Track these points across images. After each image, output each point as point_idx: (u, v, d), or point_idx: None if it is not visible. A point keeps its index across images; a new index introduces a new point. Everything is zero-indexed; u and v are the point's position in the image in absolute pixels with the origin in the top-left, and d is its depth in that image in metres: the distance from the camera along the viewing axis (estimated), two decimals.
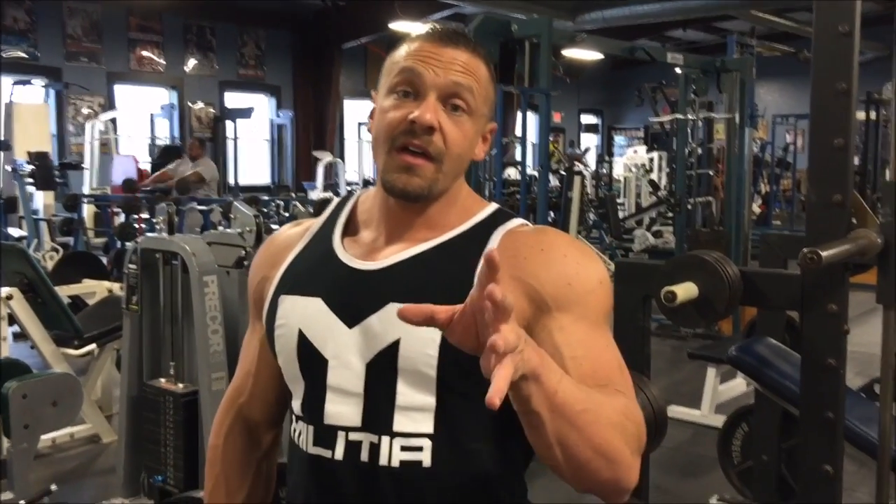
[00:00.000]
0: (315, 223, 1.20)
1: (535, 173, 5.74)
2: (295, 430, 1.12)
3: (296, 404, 1.12)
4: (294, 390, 1.13)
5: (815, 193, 1.91)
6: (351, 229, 1.16)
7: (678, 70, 6.68)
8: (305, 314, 1.09)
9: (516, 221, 1.12)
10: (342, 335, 1.06)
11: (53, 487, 2.66)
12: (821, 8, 1.89)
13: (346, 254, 1.12)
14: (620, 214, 10.26)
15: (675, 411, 4.52)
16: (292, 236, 1.20)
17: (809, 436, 1.91)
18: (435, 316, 0.84)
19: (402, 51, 1.09)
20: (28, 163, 7.85)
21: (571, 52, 6.13)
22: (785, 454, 2.87)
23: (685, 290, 1.88)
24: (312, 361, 1.08)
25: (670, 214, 7.88)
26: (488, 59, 1.11)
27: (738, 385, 4.75)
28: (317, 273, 1.12)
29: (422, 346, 1.02)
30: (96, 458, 3.99)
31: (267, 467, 1.29)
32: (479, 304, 0.81)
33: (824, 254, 1.65)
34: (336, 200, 1.22)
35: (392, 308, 1.03)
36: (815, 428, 1.88)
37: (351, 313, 1.07)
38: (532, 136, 7.13)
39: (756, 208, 11.35)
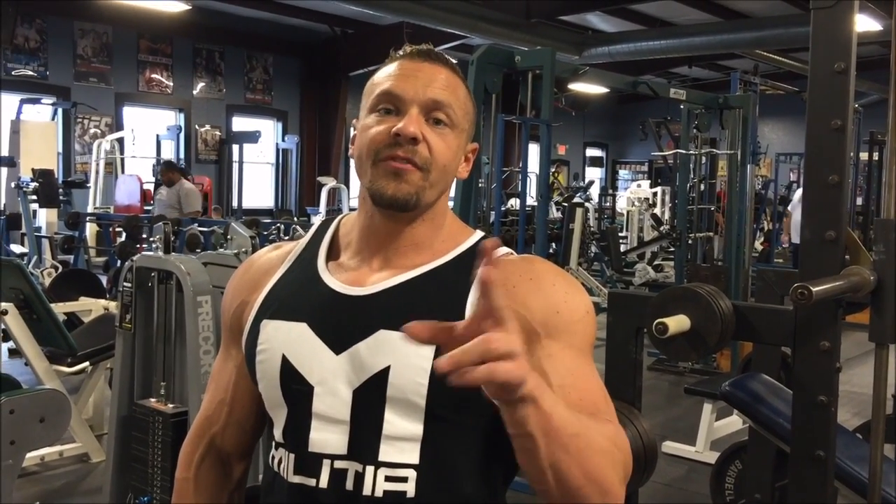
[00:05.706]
0: (296, 246, 1.17)
1: (535, 203, 5.74)
2: (274, 458, 1.09)
3: (277, 432, 1.09)
4: (275, 417, 1.10)
5: (808, 230, 1.90)
6: (334, 253, 1.14)
7: (682, 106, 6.72)
8: (289, 339, 1.06)
9: (502, 250, 1.11)
10: (329, 361, 1.04)
11: None
12: (817, 45, 1.90)
13: (332, 278, 1.10)
14: (622, 248, 10.26)
15: (670, 447, 4.48)
16: (272, 259, 1.17)
17: (799, 473, 1.88)
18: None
19: (382, 72, 1.10)
20: (32, 180, 7.88)
21: (577, 86, 6.15)
22: (778, 493, 2.83)
23: (677, 323, 1.87)
24: (297, 388, 1.05)
25: (672, 249, 7.87)
26: (465, 79, 1.12)
27: (735, 422, 4.71)
28: (301, 297, 1.09)
29: (412, 375, 1.00)
30: (84, 477, 3.96)
31: (238, 500, 1.25)
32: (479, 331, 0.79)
33: (815, 289, 1.64)
34: (317, 223, 1.20)
35: (381, 335, 1.02)
36: (806, 465, 1.86)
37: (338, 339, 1.04)
38: (534, 167, 7.15)
39: (758, 245, 11.35)
